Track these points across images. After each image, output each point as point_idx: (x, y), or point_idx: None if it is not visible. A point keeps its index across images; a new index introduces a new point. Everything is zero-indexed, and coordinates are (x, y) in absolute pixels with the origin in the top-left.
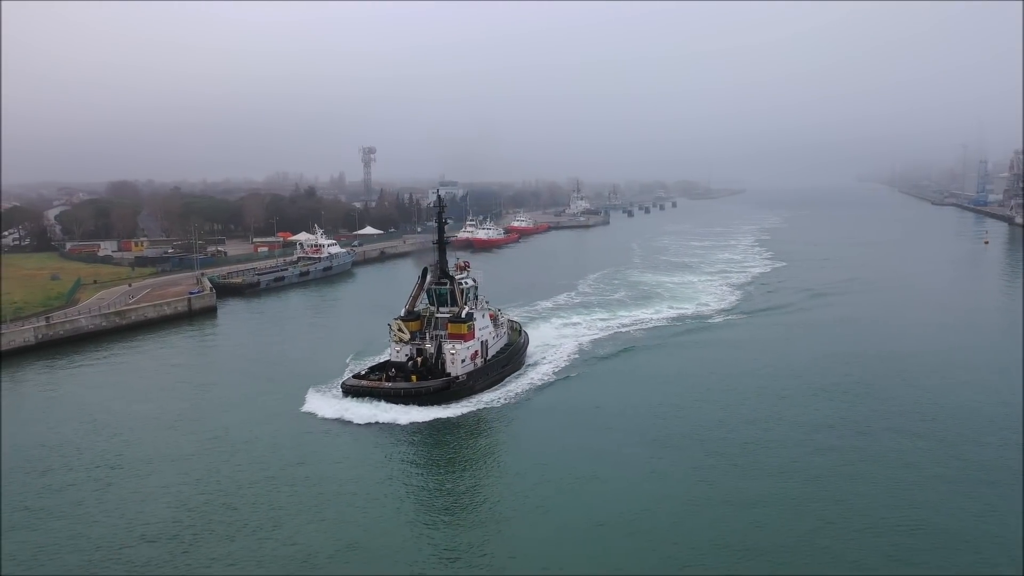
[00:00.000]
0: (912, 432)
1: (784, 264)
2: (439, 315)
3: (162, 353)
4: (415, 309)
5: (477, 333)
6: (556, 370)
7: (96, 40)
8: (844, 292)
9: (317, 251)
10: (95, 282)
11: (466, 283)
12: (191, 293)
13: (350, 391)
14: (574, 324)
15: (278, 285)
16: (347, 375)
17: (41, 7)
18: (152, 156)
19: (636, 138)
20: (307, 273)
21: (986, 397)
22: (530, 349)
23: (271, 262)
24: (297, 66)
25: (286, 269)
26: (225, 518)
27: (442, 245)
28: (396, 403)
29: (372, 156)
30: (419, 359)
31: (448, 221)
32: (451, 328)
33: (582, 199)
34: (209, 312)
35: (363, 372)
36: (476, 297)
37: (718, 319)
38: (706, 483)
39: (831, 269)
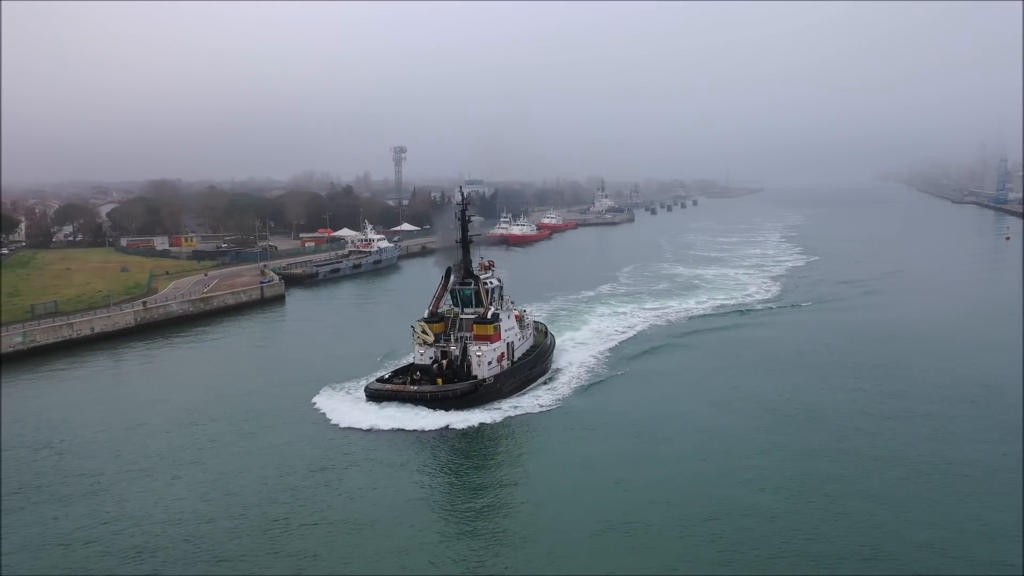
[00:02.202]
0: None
1: (817, 258)
2: (464, 316)
3: (247, 334)
4: (439, 310)
5: (503, 334)
6: (592, 370)
7: (116, 42)
8: (885, 288)
9: (367, 245)
10: (167, 273)
11: (491, 283)
12: (263, 282)
13: (374, 395)
14: (620, 313)
15: (334, 276)
16: (372, 378)
17: (60, 7)
18: (173, 156)
19: (653, 135)
20: (359, 266)
21: None
22: (580, 337)
23: (325, 255)
24: (311, 68)
25: (340, 262)
26: (366, 458)
27: (466, 244)
28: (422, 407)
29: (403, 155)
30: (444, 362)
31: (471, 219)
32: (477, 329)
33: (606, 197)
34: (278, 300)
35: (387, 376)
36: (501, 297)
37: (766, 309)
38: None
39: (866, 264)
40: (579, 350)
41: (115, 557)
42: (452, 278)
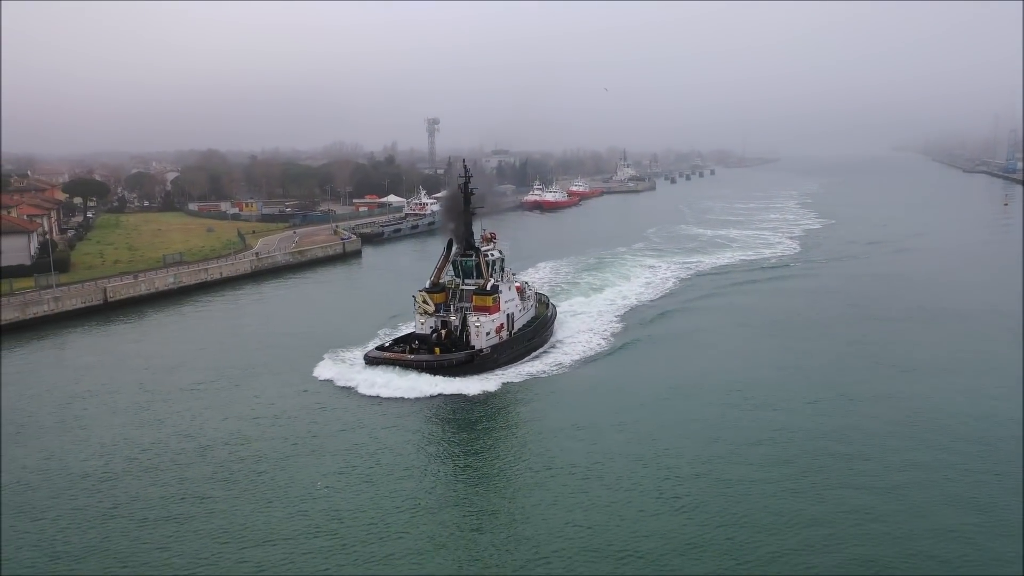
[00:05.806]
0: None
1: (833, 222)
2: (464, 287)
3: (341, 279)
4: (440, 281)
5: (503, 306)
6: (595, 338)
7: (136, 42)
8: (911, 247)
9: (422, 208)
10: (253, 232)
11: (492, 255)
12: (343, 239)
13: (372, 362)
14: (651, 267)
15: (396, 236)
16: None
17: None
18: (194, 128)
19: (671, 105)
20: (416, 227)
21: None
22: (595, 299)
23: (386, 217)
24: (335, 45)
25: (401, 223)
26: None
27: (468, 216)
28: (418, 374)
29: (436, 127)
30: (443, 331)
31: (474, 188)
32: (476, 300)
33: (628, 167)
34: (356, 254)
35: (387, 344)
36: (502, 269)
37: (790, 266)
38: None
39: (882, 226)
40: (587, 317)
41: (309, 411)
42: (454, 249)
